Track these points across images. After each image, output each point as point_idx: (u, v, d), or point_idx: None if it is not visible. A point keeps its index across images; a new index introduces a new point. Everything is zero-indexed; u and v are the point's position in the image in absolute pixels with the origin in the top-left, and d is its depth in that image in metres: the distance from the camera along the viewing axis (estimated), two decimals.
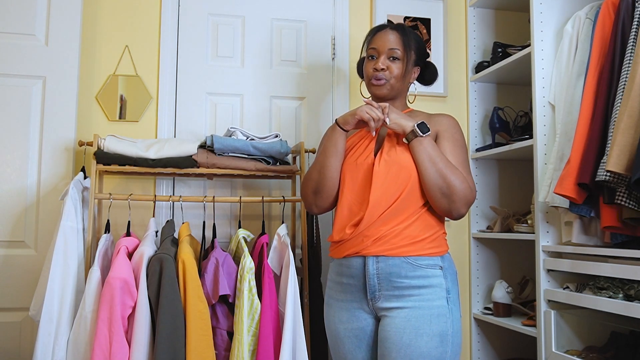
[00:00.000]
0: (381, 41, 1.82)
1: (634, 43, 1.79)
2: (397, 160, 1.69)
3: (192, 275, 1.98)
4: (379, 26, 1.89)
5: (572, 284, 2.03)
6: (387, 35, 1.82)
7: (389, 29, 1.84)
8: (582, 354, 1.98)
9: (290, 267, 2.10)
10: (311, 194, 1.82)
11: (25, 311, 2.16)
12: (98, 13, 2.49)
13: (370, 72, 1.82)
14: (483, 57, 2.83)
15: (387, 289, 1.65)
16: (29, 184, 2.28)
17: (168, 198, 2.23)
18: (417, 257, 1.64)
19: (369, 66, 1.83)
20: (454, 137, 1.76)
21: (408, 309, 1.62)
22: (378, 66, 1.79)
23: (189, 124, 2.54)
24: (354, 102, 2.71)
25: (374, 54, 1.83)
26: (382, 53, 1.81)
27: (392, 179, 1.67)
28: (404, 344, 1.59)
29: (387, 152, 1.72)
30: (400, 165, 1.67)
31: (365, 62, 1.86)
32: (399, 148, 1.71)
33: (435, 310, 1.62)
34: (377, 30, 1.87)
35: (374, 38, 1.85)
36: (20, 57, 2.30)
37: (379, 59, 1.81)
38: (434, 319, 1.61)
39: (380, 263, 1.66)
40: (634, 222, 1.76)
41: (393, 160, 1.69)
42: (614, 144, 1.71)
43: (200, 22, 2.59)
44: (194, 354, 1.92)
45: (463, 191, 1.63)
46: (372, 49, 1.84)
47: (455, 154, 1.72)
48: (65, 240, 2.02)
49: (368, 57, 1.85)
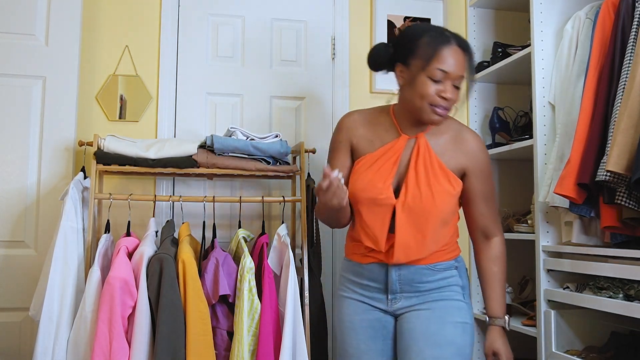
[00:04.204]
0: (453, 63, 1.54)
1: (634, 43, 1.79)
2: (423, 207, 1.59)
3: (192, 275, 1.98)
4: (448, 38, 1.56)
5: (572, 284, 2.03)
6: (458, 57, 1.55)
7: (460, 47, 1.57)
8: (582, 354, 1.98)
9: (290, 267, 2.10)
10: (326, 223, 1.82)
11: (25, 311, 2.16)
12: (98, 13, 2.49)
13: (432, 97, 1.55)
14: (483, 57, 2.83)
15: (408, 292, 1.68)
16: (29, 184, 2.28)
17: (168, 198, 2.23)
18: (436, 263, 1.69)
19: (432, 89, 1.54)
20: (484, 173, 1.70)
21: (430, 302, 1.67)
22: (447, 95, 1.54)
23: (189, 124, 2.54)
24: (354, 102, 2.71)
25: (440, 77, 1.53)
26: (451, 78, 1.55)
27: (418, 227, 1.61)
28: (431, 332, 1.63)
29: (412, 194, 1.60)
30: (428, 213, 1.60)
31: (425, 79, 1.54)
32: (423, 187, 1.60)
33: (455, 303, 1.69)
34: (447, 44, 1.55)
35: (443, 55, 1.53)
36: (20, 57, 2.30)
37: (447, 84, 1.54)
38: (455, 311, 1.68)
39: (402, 270, 1.68)
40: (634, 222, 1.76)
41: (418, 207, 1.59)
42: (614, 144, 1.70)
43: (200, 22, 2.59)
44: (194, 354, 1.92)
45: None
46: (440, 70, 1.53)
47: (486, 191, 1.71)
48: (65, 240, 2.02)
49: (427, 72, 1.53)
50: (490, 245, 1.76)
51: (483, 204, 1.72)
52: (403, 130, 1.67)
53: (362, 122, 1.72)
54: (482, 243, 1.76)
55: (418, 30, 1.62)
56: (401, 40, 1.64)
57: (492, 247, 1.75)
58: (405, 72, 1.60)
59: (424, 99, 1.55)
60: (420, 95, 1.55)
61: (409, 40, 1.60)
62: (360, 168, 1.68)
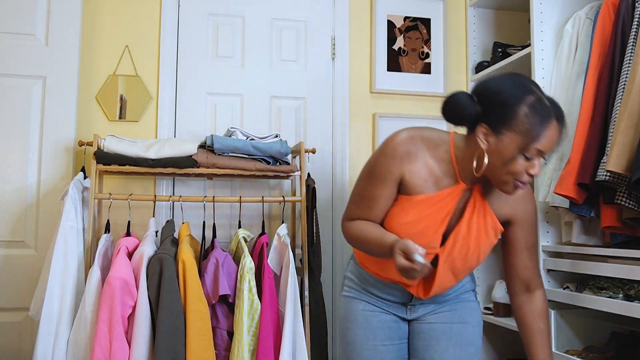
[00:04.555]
0: (552, 142, 1.38)
1: (634, 43, 1.79)
2: (467, 262, 1.53)
3: (192, 275, 1.98)
4: (549, 114, 1.37)
5: (572, 284, 2.03)
6: (556, 133, 1.38)
7: (558, 122, 1.39)
8: (582, 354, 1.98)
9: (290, 267, 2.10)
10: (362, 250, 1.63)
11: (25, 311, 2.16)
12: (98, 13, 2.49)
13: (520, 174, 1.39)
14: (483, 57, 2.83)
15: (427, 303, 1.67)
16: (29, 184, 2.28)
17: (168, 198, 2.23)
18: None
19: (522, 165, 1.37)
20: (531, 223, 1.60)
21: (449, 304, 1.67)
22: (535, 172, 1.39)
23: (189, 124, 2.54)
24: (354, 101, 2.71)
25: (534, 155, 1.37)
26: (542, 155, 1.39)
27: (456, 274, 1.55)
28: (455, 333, 1.63)
29: (459, 249, 1.51)
30: (470, 266, 1.55)
31: (518, 157, 1.37)
32: (472, 243, 1.51)
33: (471, 304, 1.70)
34: (549, 123, 1.36)
35: (546, 135, 1.36)
36: (20, 57, 2.30)
37: (537, 160, 1.38)
38: (473, 312, 1.69)
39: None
40: (634, 222, 1.76)
41: (462, 261, 1.52)
42: (614, 144, 1.70)
43: (200, 22, 2.59)
44: (194, 354, 1.92)
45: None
46: (538, 150, 1.36)
47: (531, 243, 1.61)
48: (65, 240, 2.02)
49: (523, 151, 1.36)
50: (534, 300, 1.63)
51: (527, 256, 1.61)
52: (462, 177, 1.49)
53: (418, 155, 1.48)
54: (523, 295, 1.64)
55: (514, 92, 1.37)
56: (492, 99, 1.39)
57: (536, 302, 1.63)
58: (493, 139, 1.39)
59: (512, 175, 1.39)
60: (509, 172, 1.38)
61: (504, 106, 1.37)
62: (409, 208, 1.50)
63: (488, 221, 1.53)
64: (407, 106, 2.77)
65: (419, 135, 1.50)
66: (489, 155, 1.40)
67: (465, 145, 1.46)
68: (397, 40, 2.79)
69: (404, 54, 2.79)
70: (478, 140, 1.40)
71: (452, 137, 1.51)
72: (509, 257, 1.63)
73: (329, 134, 2.68)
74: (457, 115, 1.41)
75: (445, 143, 1.50)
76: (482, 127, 1.39)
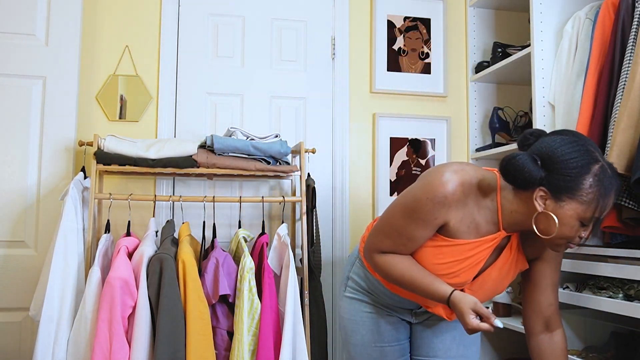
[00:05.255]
0: (608, 208, 1.35)
1: (634, 43, 1.79)
2: (490, 295, 1.53)
3: (192, 275, 1.98)
4: (612, 185, 1.34)
5: (572, 284, 2.03)
6: (613, 199, 1.36)
7: (615, 192, 1.36)
8: (582, 354, 1.98)
9: (290, 267, 2.10)
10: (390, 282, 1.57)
11: (25, 311, 2.16)
12: (98, 13, 2.49)
13: (573, 237, 1.36)
14: (483, 57, 2.83)
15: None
16: (29, 184, 2.28)
17: (168, 198, 2.23)
18: None
19: (575, 230, 1.35)
20: (558, 260, 1.59)
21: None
22: (586, 235, 1.37)
23: (189, 124, 2.54)
24: (354, 101, 2.71)
25: (589, 222, 1.34)
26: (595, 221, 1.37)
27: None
28: (458, 332, 1.66)
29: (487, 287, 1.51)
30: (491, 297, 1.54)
31: (575, 223, 1.34)
32: (500, 282, 1.51)
33: None
34: (610, 194, 1.34)
35: (608, 203, 1.34)
36: (20, 57, 2.30)
37: (590, 227, 1.36)
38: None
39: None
40: (634, 222, 1.76)
41: (486, 295, 1.52)
42: (614, 144, 1.70)
43: (200, 22, 2.59)
44: (194, 354, 1.92)
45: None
46: (595, 217, 1.34)
47: (557, 280, 1.58)
48: (65, 240, 2.02)
49: (581, 219, 1.33)
50: (555, 340, 1.57)
51: (552, 293, 1.57)
52: (504, 226, 1.45)
53: (466, 202, 1.43)
54: (542, 334, 1.58)
55: (581, 162, 1.32)
56: (558, 167, 1.33)
57: (557, 342, 1.57)
58: (551, 204, 1.34)
59: (567, 240, 1.37)
60: (563, 236, 1.36)
61: (569, 175, 1.31)
62: (447, 250, 1.46)
63: (519, 265, 1.52)
64: (407, 106, 2.78)
65: (469, 180, 1.42)
66: (544, 216, 1.35)
67: (514, 199, 1.40)
68: (397, 40, 2.79)
69: (404, 54, 2.79)
70: (535, 203, 1.35)
71: (499, 185, 1.43)
72: (532, 294, 1.57)
73: (329, 134, 2.68)
74: (522, 181, 1.34)
75: (492, 191, 1.43)
76: (542, 190, 1.34)
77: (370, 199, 2.69)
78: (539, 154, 1.35)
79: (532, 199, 1.35)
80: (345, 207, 2.64)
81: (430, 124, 2.78)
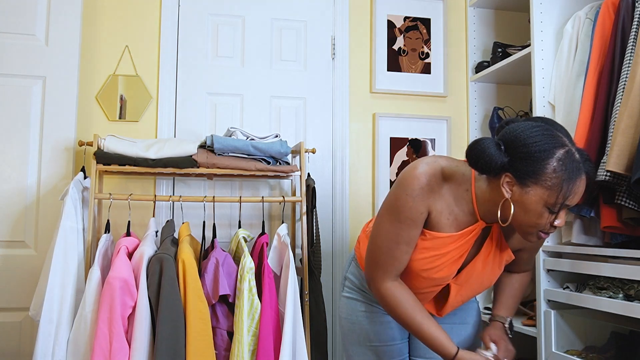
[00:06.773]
0: (577, 196, 1.32)
1: (634, 43, 1.79)
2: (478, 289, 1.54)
3: (192, 275, 1.98)
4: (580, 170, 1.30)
5: (572, 284, 2.03)
6: (583, 186, 1.33)
7: (587, 175, 1.33)
8: (582, 354, 1.98)
9: (290, 267, 2.10)
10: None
11: (25, 311, 2.16)
12: (98, 13, 2.49)
13: (545, 226, 1.35)
14: (483, 57, 2.83)
15: None
16: (29, 184, 2.28)
17: (168, 198, 2.23)
18: None
19: (546, 218, 1.33)
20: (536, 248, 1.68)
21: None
22: (559, 223, 1.35)
23: (189, 124, 2.54)
24: (354, 101, 2.71)
25: (559, 209, 1.32)
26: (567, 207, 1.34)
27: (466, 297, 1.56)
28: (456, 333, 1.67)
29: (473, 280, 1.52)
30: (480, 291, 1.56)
31: (543, 210, 1.32)
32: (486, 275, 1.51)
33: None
34: (578, 178, 1.30)
35: (573, 190, 1.30)
36: (20, 57, 2.30)
37: (562, 213, 1.34)
38: (473, 312, 1.73)
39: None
40: (634, 222, 1.76)
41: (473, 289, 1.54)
42: (614, 144, 1.70)
43: (200, 22, 2.59)
44: (194, 354, 1.92)
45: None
46: (565, 205, 1.32)
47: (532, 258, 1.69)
48: (65, 240, 2.02)
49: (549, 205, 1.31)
50: (513, 275, 1.69)
51: (524, 263, 1.67)
52: (481, 216, 1.45)
53: (441, 193, 1.43)
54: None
55: (543, 145, 1.29)
56: (520, 151, 1.31)
57: (515, 275, 1.68)
58: (518, 190, 1.33)
59: (536, 227, 1.35)
60: (534, 224, 1.34)
61: (532, 159, 1.29)
62: (428, 244, 1.46)
63: (504, 256, 1.52)
64: (407, 106, 2.78)
65: (439, 169, 1.42)
66: (514, 205, 1.34)
67: (487, 187, 1.39)
68: (397, 40, 2.79)
69: (404, 54, 2.79)
70: (502, 189, 1.34)
71: (473, 175, 1.43)
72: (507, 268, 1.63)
73: (329, 134, 2.68)
74: (483, 165, 1.32)
75: (467, 181, 1.43)
76: (507, 176, 1.33)
77: (370, 199, 2.69)
78: (503, 139, 1.34)
79: (500, 185, 1.35)
80: (345, 207, 2.64)
81: (430, 124, 2.78)
